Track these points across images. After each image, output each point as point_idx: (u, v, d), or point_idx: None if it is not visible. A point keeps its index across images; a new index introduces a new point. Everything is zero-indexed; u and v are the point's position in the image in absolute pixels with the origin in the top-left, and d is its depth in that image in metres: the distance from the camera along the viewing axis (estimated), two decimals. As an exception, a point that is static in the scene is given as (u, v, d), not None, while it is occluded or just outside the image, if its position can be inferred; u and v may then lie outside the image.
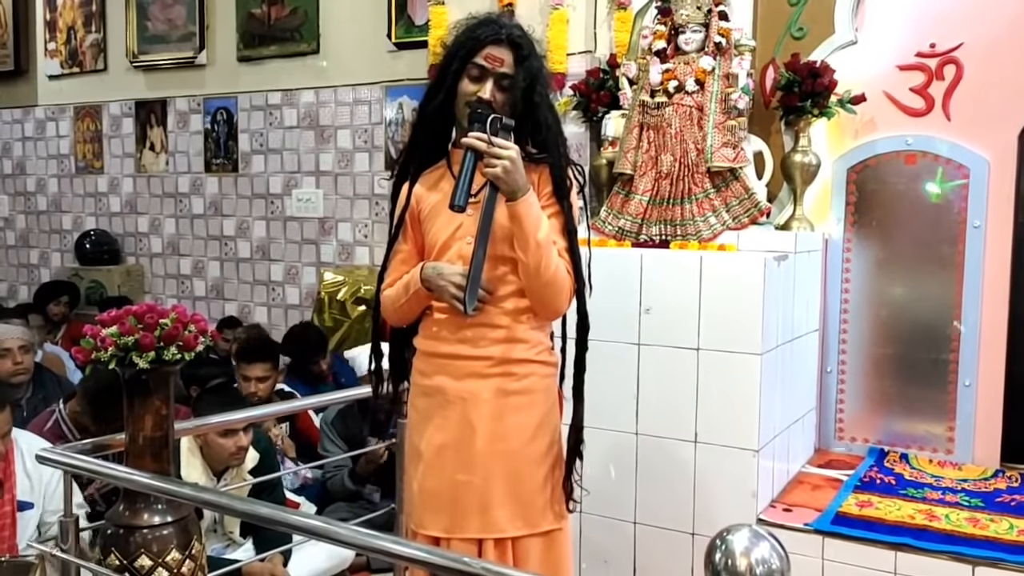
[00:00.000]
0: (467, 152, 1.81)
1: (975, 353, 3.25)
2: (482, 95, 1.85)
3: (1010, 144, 3.20)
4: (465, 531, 1.91)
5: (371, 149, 5.04)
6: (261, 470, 2.99)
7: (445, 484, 1.93)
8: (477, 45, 1.86)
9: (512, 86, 1.88)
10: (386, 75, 4.95)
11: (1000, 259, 3.22)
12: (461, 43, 1.89)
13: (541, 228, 1.85)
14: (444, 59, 1.92)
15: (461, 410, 1.92)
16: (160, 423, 1.79)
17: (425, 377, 1.98)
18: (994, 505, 2.88)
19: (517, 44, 1.89)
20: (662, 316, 2.94)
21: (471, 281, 1.83)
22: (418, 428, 2.00)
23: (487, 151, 1.79)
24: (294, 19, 5.27)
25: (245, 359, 3.77)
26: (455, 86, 1.89)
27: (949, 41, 3.27)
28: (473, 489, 1.91)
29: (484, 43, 1.86)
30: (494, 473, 1.91)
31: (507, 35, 1.88)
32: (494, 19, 1.93)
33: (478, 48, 1.86)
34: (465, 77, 1.88)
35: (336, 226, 5.19)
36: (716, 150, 3.14)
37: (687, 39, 3.27)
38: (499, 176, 1.80)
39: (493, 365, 1.91)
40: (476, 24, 1.91)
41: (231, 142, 5.54)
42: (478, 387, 1.92)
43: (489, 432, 1.91)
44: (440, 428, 1.94)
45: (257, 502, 1.68)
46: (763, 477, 2.84)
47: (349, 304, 4.80)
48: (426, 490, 1.96)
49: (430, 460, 1.95)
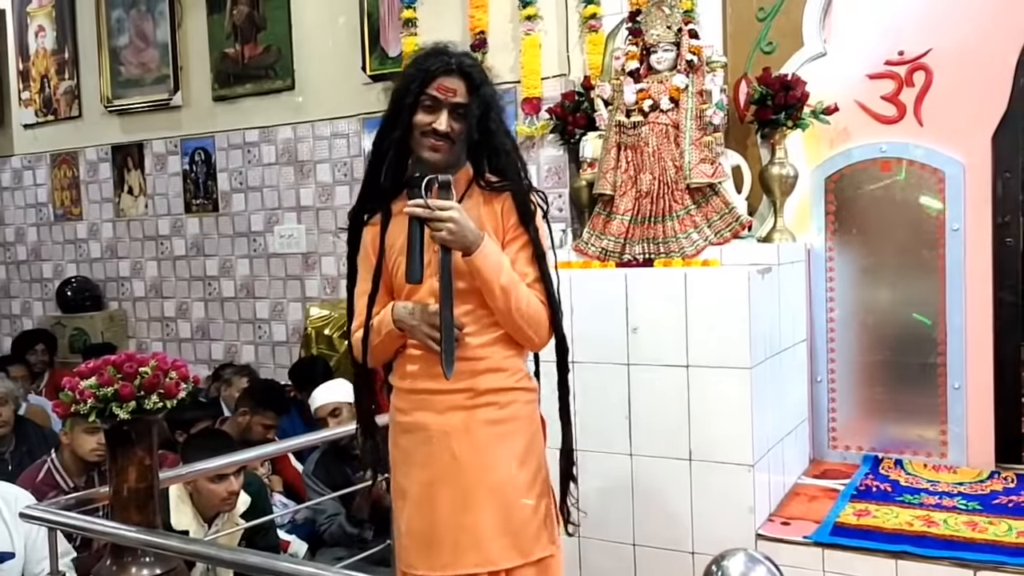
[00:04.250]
0: (411, 222, 1.80)
1: (962, 355, 3.26)
2: (437, 126, 1.85)
3: (984, 146, 3.23)
4: (458, 568, 1.88)
5: (351, 182, 5.03)
6: (254, 513, 2.95)
7: (435, 522, 1.90)
8: (428, 77, 1.86)
9: (466, 115, 1.89)
10: (362, 107, 4.95)
11: (981, 260, 3.24)
12: (412, 76, 1.88)
13: (503, 272, 1.86)
14: (396, 93, 1.92)
15: (445, 445, 1.89)
16: (144, 474, 1.76)
17: (404, 414, 1.95)
18: (992, 507, 2.87)
19: (468, 73, 1.90)
20: (649, 335, 2.93)
21: (445, 344, 1.83)
22: (401, 467, 1.97)
23: (430, 216, 1.79)
24: (268, 57, 5.27)
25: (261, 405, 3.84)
26: (410, 119, 1.88)
27: (917, 48, 3.30)
28: (465, 525, 1.89)
29: (435, 74, 1.86)
30: (485, 506, 1.89)
31: (458, 65, 1.89)
32: (443, 50, 1.93)
33: (429, 80, 1.86)
34: (419, 110, 1.87)
35: (320, 260, 5.18)
36: (694, 166, 3.15)
37: (659, 58, 3.29)
38: (447, 239, 1.81)
39: (475, 396, 1.90)
40: (426, 55, 1.92)
41: (210, 182, 5.53)
42: (461, 420, 1.90)
43: (477, 464, 1.89)
44: (425, 465, 1.91)
45: (246, 551, 1.66)
46: (759, 491, 2.82)
47: (336, 338, 4.78)
48: (414, 531, 1.93)
49: (418, 499, 1.92)
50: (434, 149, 1.88)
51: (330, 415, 3.60)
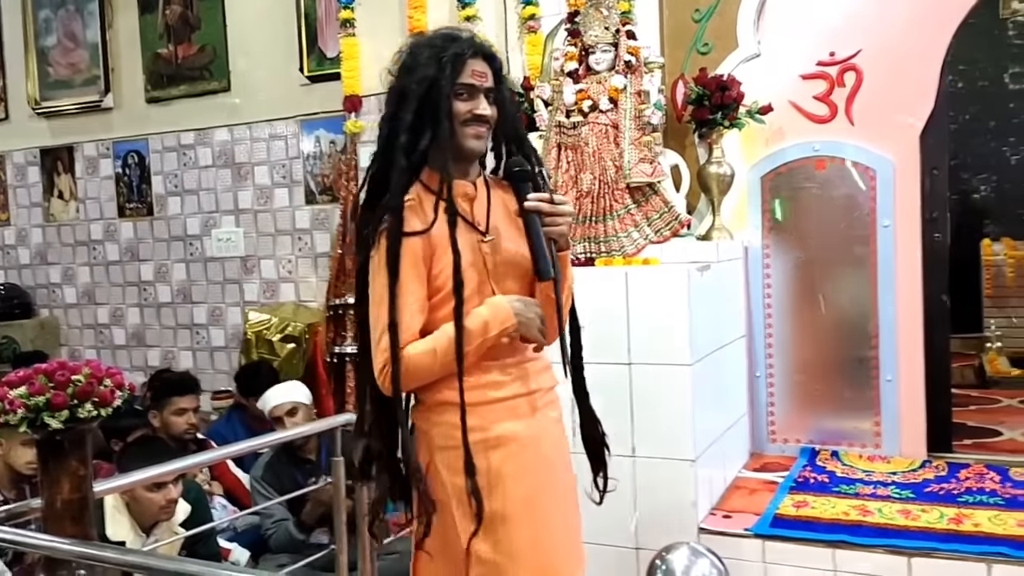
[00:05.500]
0: (531, 218, 1.74)
1: (894, 348, 3.35)
2: (481, 112, 1.76)
3: (912, 145, 3.33)
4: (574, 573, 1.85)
5: (290, 184, 4.96)
6: (194, 522, 2.89)
7: (549, 536, 1.79)
8: (460, 63, 1.74)
9: (500, 99, 1.80)
10: (300, 109, 4.88)
11: (911, 255, 3.33)
12: (441, 64, 1.73)
13: (569, 267, 1.85)
14: (424, 84, 1.73)
15: (537, 451, 1.80)
16: (78, 485, 1.71)
17: (484, 431, 1.74)
18: (924, 495, 2.96)
19: (491, 56, 1.80)
20: (592, 333, 2.92)
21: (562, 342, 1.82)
22: (487, 490, 1.72)
23: (552, 211, 1.74)
24: (202, 57, 5.17)
25: (178, 392, 3.69)
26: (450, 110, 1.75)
27: (847, 49, 3.39)
28: (571, 529, 1.85)
29: (465, 60, 1.75)
30: (576, 507, 1.88)
31: (480, 48, 1.79)
32: (457, 34, 1.80)
33: (461, 66, 1.74)
34: (455, 99, 1.75)
35: (259, 264, 5.09)
36: (634, 166, 3.19)
37: (597, 59, 3.32)
38: (563, 233, 1.77)
39: (543, 395, 1.85)
40: (443, 41, 1.77)
41: (144, 185, 5.39)
42: (542, 422, 1.83)
43: (562, 465, 1.86)
44: (520, 478, 1.76)
45: (185, 560, 1.62)
46: (701, 486, 2.87)
47: (277, 342, 4.71)
48: (523, 552, 1.76)
49: (520, 517, 1.75)
50: (478, 136, 1.78)
51: (287, 415, 3.53)
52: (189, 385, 3.83)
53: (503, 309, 1.75)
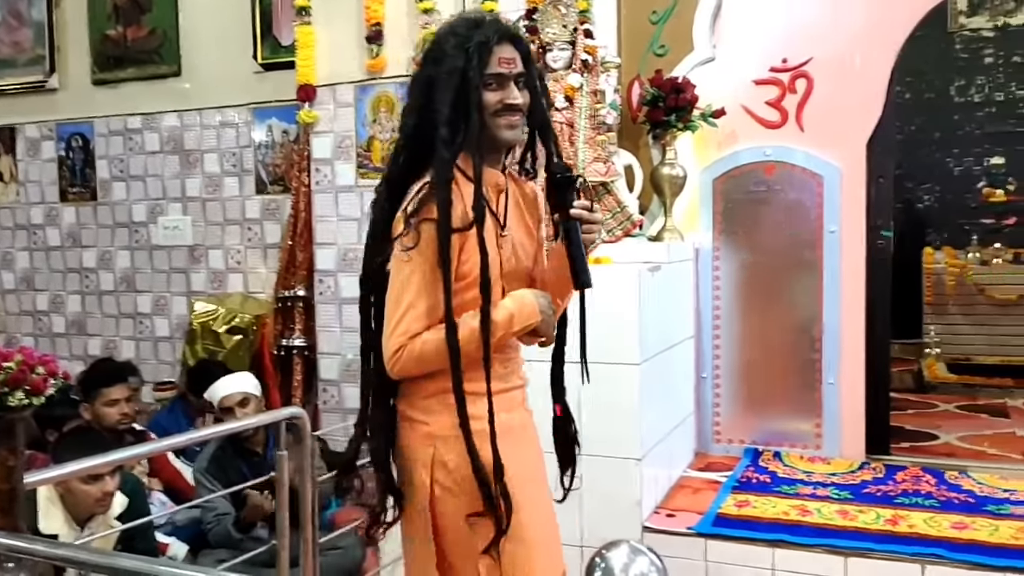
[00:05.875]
0: (573, 225, 1.72)
1: (837, 352, 3.41)
2: (513, 100, 1.70)
3: (859, 152, 3.39)
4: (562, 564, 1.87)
5: (240, 173, 4.88)
6: (131, 515, 2.82)
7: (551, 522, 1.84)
8: (486, 52, 1.68)
9: (530, 84, 1.74)
10: (253, 97, 4.80)
11: (855, 261, 3.40)
12: (468, 54, 1.67)
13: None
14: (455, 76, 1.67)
15: (532, 440, 1.85)
16: (7, 475, 1.65)
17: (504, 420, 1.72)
18: (861, 496, 3.02)
19: (518, 38, 1.74)
20: (541, 331, 2.95)
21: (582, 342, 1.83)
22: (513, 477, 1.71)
23: (589, 219, 1.73)
24: (152, 40, 5.05)
25: (106, 383, 3.55)
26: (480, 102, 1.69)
27: (799, 56, 3.44)
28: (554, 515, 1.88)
29: (491, 47, 1.68)
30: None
31: (507, 32, 1.72)
32: (481, 19, 1.73)
33: (488, 55, 1.68)
34: (484, 90, 1.69)
35: (207, 253, 5.00)
36: (588, 165, 3.20)
37: (555, 57, 3.33)
38: (594, 241, 1.77)
39: (525, 389, 1.88)
40: (467, 28, 1.71)
41: (88, 169, 5.26)
42: (528, 415, 1.88)
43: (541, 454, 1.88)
44: (523, 464, 1.77)
45: (118, 555, 1.58)
46: (647, 485, 2.89)
47: (223, 334, 4.63)
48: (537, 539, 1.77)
49: (530, 503, 1.76)
50: (511, 126, 1.72)
51: (238, 405, 3.45)
52: (120, 374, 3.69)
53: (529, 304, 1.74)
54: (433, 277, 1.66)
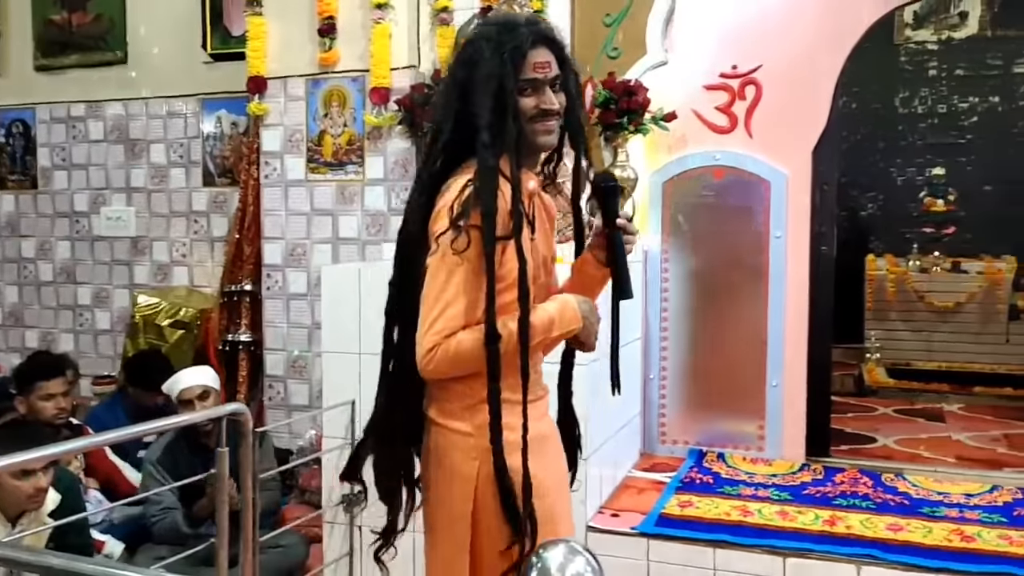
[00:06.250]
0: (618, 235, 1.73)
1: (781, 355, 3.47)
2: (550, 106, 1.66)
3: (805, 159, 3.45)
4: None
5: (188, 164, 4.80)
6: (64, 512, 2.75)
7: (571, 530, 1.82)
8: (520, 57, 1.64)
9: (566, 86, 1.71)
10: (202, 87, 4.73)
11: (800, 267, 3.46)
12: (502, 59, 1.63)
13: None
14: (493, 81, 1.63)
15: (559, 449, 1.82)
16: (-67, 470, 1.60)
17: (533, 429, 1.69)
18: (801, 497, 3.07)
19: (553, 40, 1.70)
20: (490, 330, 2.94)
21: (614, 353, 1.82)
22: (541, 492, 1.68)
23: (630, 229, 1.75)
24: (98, 26, 4.94)
25: (43, 377, 3.46)
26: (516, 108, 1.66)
27: (749, 63, 3.48)
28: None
29: (526, 52, 1.65)
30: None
31: (542, 35, 1.68)
32: (517, 23, 1.69)
33: (522, 60, 1.65)
34: (520, 95, 1.66)
35: (151, 245, 4.90)
36: (539, 165, 3.19)
37: (508, 56, 3.32)
38: (631, 252, 1.77)
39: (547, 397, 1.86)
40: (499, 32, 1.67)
41: (29, 157, 5.13)
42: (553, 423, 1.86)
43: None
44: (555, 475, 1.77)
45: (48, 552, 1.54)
46: (591, 484, 2.90)
47: (166, 328, 4.55)
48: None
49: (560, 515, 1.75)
50: (548, 131, 1.69)
51: (197, 398, 3.37)
52: (57, 368, 3.60)
53: (571, 309, 1.73)
54: (473, 279, 1.61)
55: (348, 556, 3.06)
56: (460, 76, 1.70)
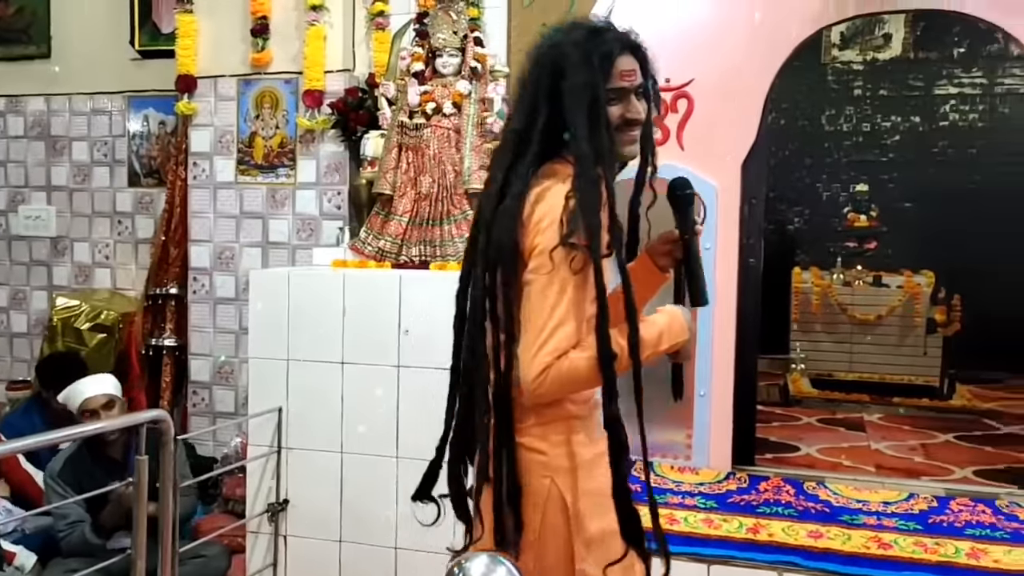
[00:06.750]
0: (694, 242, 1.76)
1: (709, 365, 3.52)
2: (635, 116, 1.65)
3: (734, 173, 3.51)
4: None
5: (112, 163, 4.66)
6: (-29, 522, 2.64)
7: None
8: (609, 66, 1.62)
9: (647, 94, 1.70)
10: (129, 84, 4.61)
11: (728, 278, 3.51)
12: (592, 67, 1.61)
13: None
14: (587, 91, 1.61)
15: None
16: None
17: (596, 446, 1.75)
18: (726, 506, 3.12)
19: (638, 48, 1.68)
20: (421, 337, 2.93)
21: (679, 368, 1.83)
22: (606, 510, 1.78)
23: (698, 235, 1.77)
24: (20, 19, 4.78)
25: None
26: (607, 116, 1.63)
27: (681, 77, 3.53)
28: None
29: (613, 60, 1.63)
30: None
31: (628, 43, 1.67)
32: (602, 30, 1.67)
33: (610, 68, 1.62)
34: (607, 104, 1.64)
35: (72, 246, 4.75)
36: (473, 172, 3.20)
37: (444, 63, 3.32)
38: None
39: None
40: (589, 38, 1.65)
41: (-57, 151, 4.92)
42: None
43: None
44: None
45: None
46: (520, 493, 2.89)
47: (86, 331, 4.41)
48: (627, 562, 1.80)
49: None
50: (632, 141, 1.69)
51: (103, 408, 3.25)
52: None
53: (679, 321, 1.73)
54: (581, 296, 1.58)
55: (272, 567, 3.00)
56: (545, 84, 1.65)
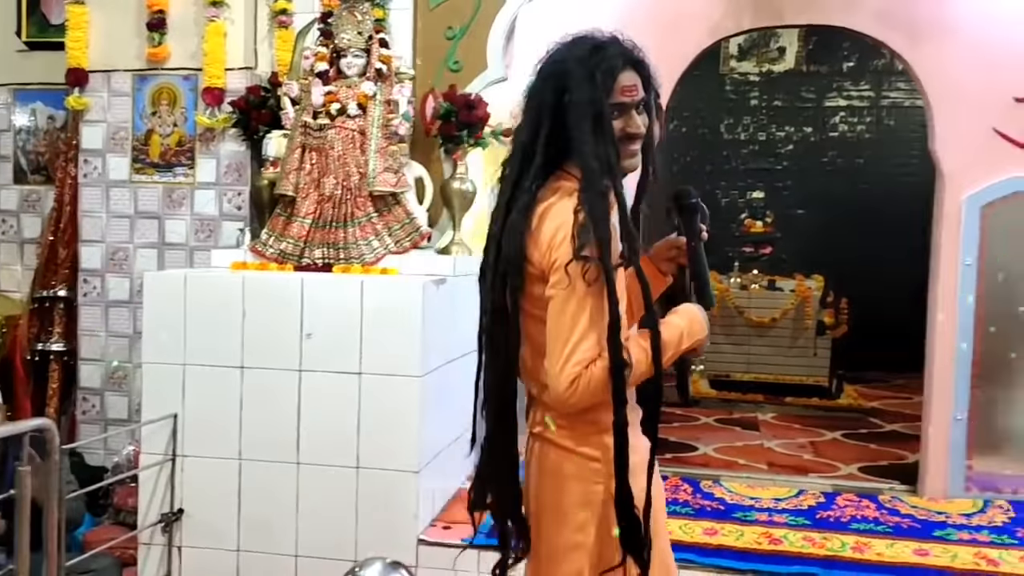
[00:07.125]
0: (701, 247, 1.77)
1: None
2: (636, 130, 1.65)
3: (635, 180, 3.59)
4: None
5: (-3, 159, 4.44)
6: None
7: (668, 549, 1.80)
8: (611, 81, 1.63)
9: (648, 108, 1.70)
10: (15, 77, 4.39)
11: (634, 282, 3.58)
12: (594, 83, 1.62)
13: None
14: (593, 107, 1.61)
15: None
16: None
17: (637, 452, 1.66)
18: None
19: (640, 63, 1.68)
20: (324, 341, 2.89)
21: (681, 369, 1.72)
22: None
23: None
24: None
25: None
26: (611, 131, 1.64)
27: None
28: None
29: (616, 75, 1.63)
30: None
31: (630, 58, 1.67)
32: (604, 44, 1.67)
33: (612, 83, 1.63)
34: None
35: (-49, 245, 4.49)
36: (378, 174, 3.18)
37: (349, 63, 3.29)
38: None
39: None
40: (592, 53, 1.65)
41: None
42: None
43: None
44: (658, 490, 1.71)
45: None
46: (424, 498, 2.89)
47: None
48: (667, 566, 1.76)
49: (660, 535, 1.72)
50: (633, 155, 1.69)
51: None
52: None
53: (698, 320, 1.71)
54: (599, 306, 1.58)
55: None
56: (549, 99, 1.67)
